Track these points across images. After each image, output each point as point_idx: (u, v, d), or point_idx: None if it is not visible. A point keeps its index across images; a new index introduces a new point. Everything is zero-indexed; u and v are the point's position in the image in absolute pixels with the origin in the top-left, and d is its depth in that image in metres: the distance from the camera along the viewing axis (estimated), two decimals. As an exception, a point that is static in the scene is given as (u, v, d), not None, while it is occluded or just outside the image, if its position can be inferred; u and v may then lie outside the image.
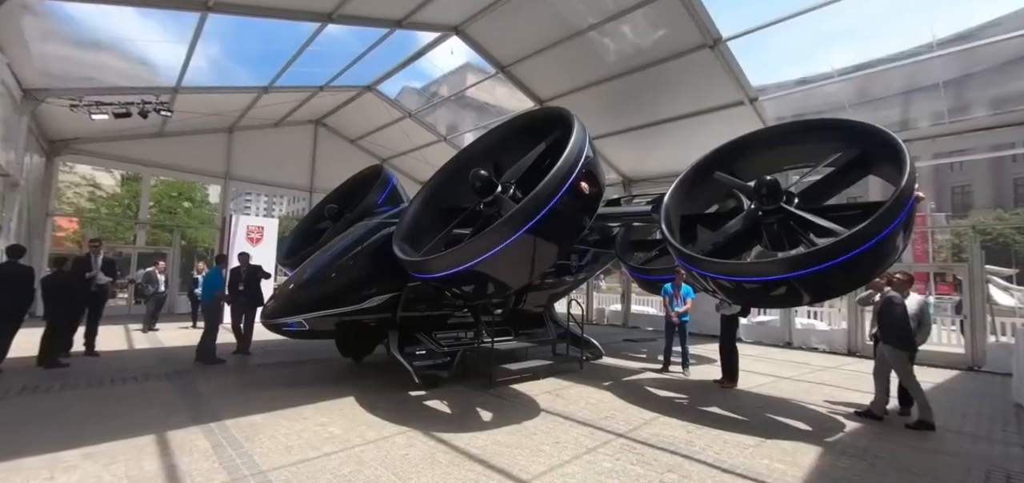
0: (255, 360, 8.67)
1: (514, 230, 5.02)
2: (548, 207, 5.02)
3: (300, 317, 6.36)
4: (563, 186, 5.09)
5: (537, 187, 5.04)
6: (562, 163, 5.13)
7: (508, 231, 5.02)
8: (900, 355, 5.78)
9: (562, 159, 5.15)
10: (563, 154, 5.19)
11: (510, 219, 5.00)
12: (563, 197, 5.10)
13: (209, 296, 8.31)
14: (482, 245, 5.11)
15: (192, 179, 20.18)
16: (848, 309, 11.96)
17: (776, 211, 5.96)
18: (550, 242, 5.47)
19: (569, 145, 5.27)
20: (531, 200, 5.00)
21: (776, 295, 5.84)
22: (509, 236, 5.04)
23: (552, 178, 5.06)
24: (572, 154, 5.23)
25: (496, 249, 5.08)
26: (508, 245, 5.08)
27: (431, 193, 7.16)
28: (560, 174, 5.09)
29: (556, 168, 5.10)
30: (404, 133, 17.96)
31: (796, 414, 6.13)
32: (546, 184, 5.04)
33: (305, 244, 9.73)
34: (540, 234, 5.20)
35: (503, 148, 7.01)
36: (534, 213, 5.00)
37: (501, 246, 5.07)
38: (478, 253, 5.14)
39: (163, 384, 6.73)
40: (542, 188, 5.02)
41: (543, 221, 5.06)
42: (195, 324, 12.36)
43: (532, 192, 5.04)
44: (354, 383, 7.00)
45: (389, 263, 6.94)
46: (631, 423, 5.50)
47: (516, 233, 5.03)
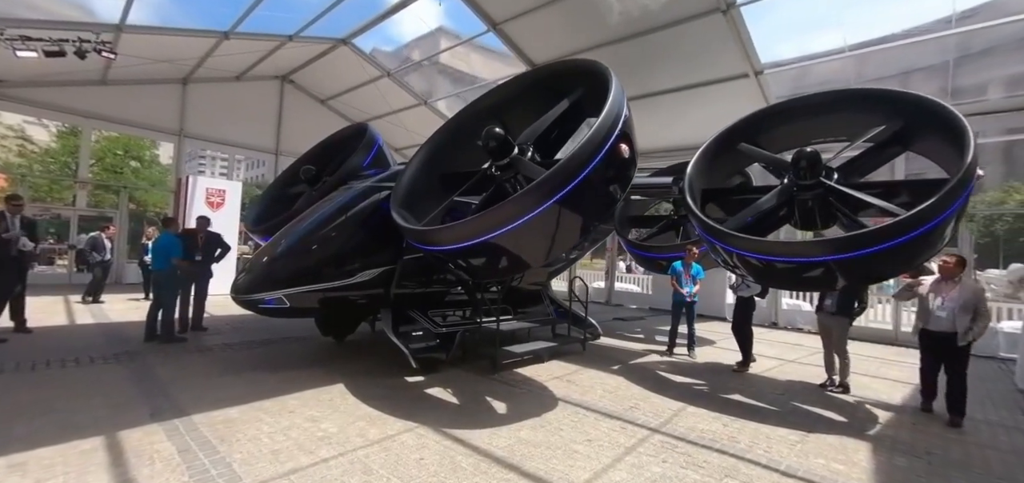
0: (217, 338, 7.69)
1: (542, 200, 4.30)
2: (583, 174, 4.33)
3: (280, 293, 5.48)
4: (601, 150, 4.39)
5: (574, 150, 4.31)
6: (600, 124, 4.41)
7: (535, 200, 4.30)
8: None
9: (601, 119, 4.43)
10: (602, 112, 4.47)
11: (539, 187, 4.27)
12: (600, 164, 4.42)
13: (163, 264, 7.19)
14: (503, 215, 4.38)
15: (140, 134, 18.13)
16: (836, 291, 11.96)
17: (814, 186, 5.51)
18: (579, 216, 4.79)
19: (608, 103, 4.54)
20: (565, 166, 4.27)
21: (809, 277, 5.43)
22: (536, 206, 4.32)
23: (589, 141, 4.33)
24: (611, 114, 4.52)
25: (520, 221, 4.36)
26: (534, 217, 4.36)
27: (429, 155, 6.33)
28: (598, 137, 4.37)
29: (594, 130, 4.38)
30: (381, 94, 16.71)
31: (821, 402, 5.80)
32: (583, 147, 4.31)
33: (277, 210, 8.72)
34: (570, 206, 4.50)
35: (513, 106, 6.24)
36: (566, 181, 4.29)
37: (526, 218, 4.35)
38: (499, 224, 4.41)
39: (113, 368, 5.74)
40: (579, 151, 4.30)
41: (576, 191, 4.36)
42: (147, 296, 11.10)
43: (568, 156, 4.31)
44: (340, 367, 6.22)
45: (382, 233, 6.13)
46: (660, 415, 5.00)
47: (544, 203, 4.32)
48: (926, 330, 5.44)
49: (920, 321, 5.55)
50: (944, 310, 5.27)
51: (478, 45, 17.30)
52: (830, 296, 6.18)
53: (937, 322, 5.31)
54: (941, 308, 5.30)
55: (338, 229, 5.93)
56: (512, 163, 5.21)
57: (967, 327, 5.09)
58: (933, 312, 5.36)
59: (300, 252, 5.75)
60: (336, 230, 5.92)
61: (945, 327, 5.22)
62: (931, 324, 5.37)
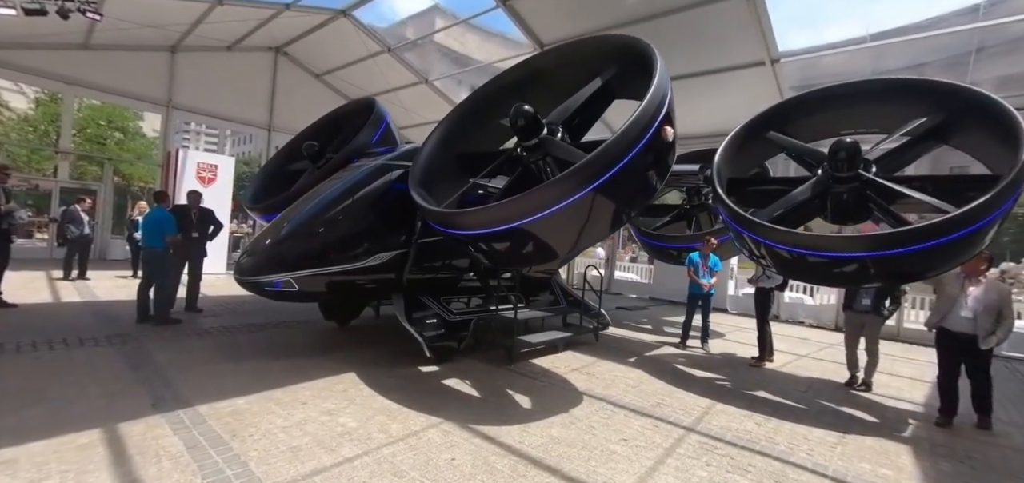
0: (214, 321, 7.32)
1: (581, 185, 3.99)
2: (626, 159, 4.02)
3: (288, 275, 5.14)
4: (646, 133, 4.09)
5: (617, 133, 4.00)
6: (647, 105, 4.09)
7: (574, 186, 3.98)
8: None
9: (647, 99, 4.11)
10: (648, 91, 4.15)
11: (579, 171, 3.95)
12: (644, 148, 4.12)
13: (156, 242, 6.74)
14: (539, 200, 4.07)
15: (126, 104, 17.34)
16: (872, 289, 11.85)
17: (851, 179, 5.30)
18: (616, 205, 4.47)
19: (654, 81, 4.22)
20: (608, 149, 3.95)
21: (841, 273, 5.22)
22: (574, 192, 4.00)
23: (635, 123, 4.01)
24: (658, 93, 4.21)
25: (556, 207, 4.05)
26: (570, 204, 4.06)
27: (446, 134, 5.97)
28: (644, 118, 4.06)
29: (640, 110, 4.06)
30: (380, 71, 16.13)
31: (847, 401, 5.66)
32: (628, 130, 3.99)
33: (276, 187, 8.30)
34: (608, 194, 4.19)
35: (537, 85, 5.89)
36: (608, 166, 3.98)
37: (562, 204, 4.04)
38: (533, 209, 4.10)
39: (105, 351, 5.36)
40: (624, 134, 3.98)
41: (617, 177, 4.05)
42: (136, 274, 10.62)
43: (612, 138, 3.99)
44: (348, 354, 5.91)
45: (396, 214, 5.81)
46: (690, 412, 4.80)
47: (583, 190, 4.01)
48: (945, 329, 5.11)
49: (936, 318, 5.21)
50: (967, 310, 4.96)
51: (474, 25, 16.91)
52: (865, 293, 6.00)
53: (958, 322, 4.98)
54: (963, 307, 4.99)
55: (350, 209, 5.57)
56: (542, 144, 4.89)
57: (989, 330, 4.79)
58: (954, 311, 5.03)
59: (309, 233, 5.39)
60: (347, 210, 5.56)
61: (966, 328, 4.90)
62: (951, 323, 5.05)
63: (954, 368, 5.11)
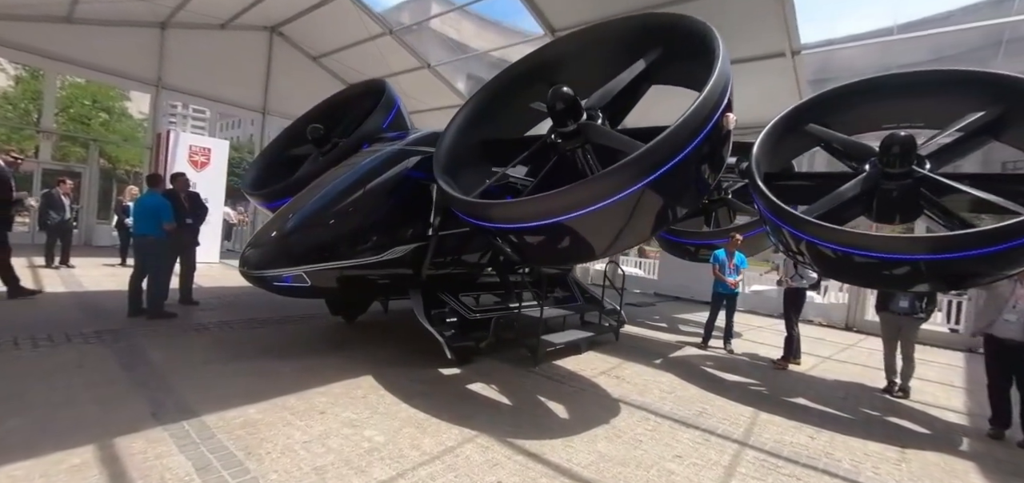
0: (212, 315, 6.84)
1: (636, 178, 3.59)
2: (687, 150, 3.64)
3: (300, 270, 4.70)
4: (709, 122, 3.70)
5: (679, 120, 3.60)
6: (711, 89, 3.68)
7: (628, 179, 3.58)
8: None
9: (711, 84, 3.71)
10: (712, 75, 3.75)
11: (635, 162, 3.54)
12: (706, 139, 3.73)
13: (150, 230, 6.23)
14: (589, 194, 3.67)
15: (112, 82, 16.49)
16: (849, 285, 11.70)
17: (903, 176, 4.99)
18: (667, 202, 4.06)
19: (718, 63, 3.82)
20: (669, 138, 3.53)
21: (890, 275, 4.93)
22: (627, 186, 3.61)
23: (698, 110, 3.61)
24: (722, 77, 3.81)
25: (606, 202, 3.65)
26: (621, 199, 3.65)
27: (470, 118, 5.55)
28: (708, 105, 3.66)
29: (705, 96, 3.65)
30: (380, 54, 15.54)
31: (889, 408, 5.40)
32: (691, 117, 3.59)
33: (278, 173, 7.82)
34: (662, 189, 3.78)
35: (569, 67, 5.48)
36: (668, 157, 3.58)
37: (614, 199, 3.64)
38: (582, 203, 3.69)
39: (95, 349, 4.89)
40: (687, 121, 3.58)
41: (674, 171, 3.66)
42: (124, 262, 10.06)
43: (674, 126, 3.58)
44: (360, 353, 5.50)
45: (415, 204, 5.40)
46: (735, 422, 4.48)
47: (638, 183, 3.60)
48: (992, 336, 4.84)
49: (983, 323, 4.95)
50: (1014, 314, 4.68)
51: (470, 12, 16.40)
52: (904, 295, 5.72)
53: (1006, 328, 4.71)
54: (1012, 311, 4.72)
55: (366, 198, 5.13)
56: (582, 130, 4.48)
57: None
58: (1002, 317, 4.73)
59: (322, 223, 4.95)
60: (364, 199, 5.12)
61: (1015, 334, 4.63)
62: (998, 329, 4.77)
63: (1004, 377, 4.83)
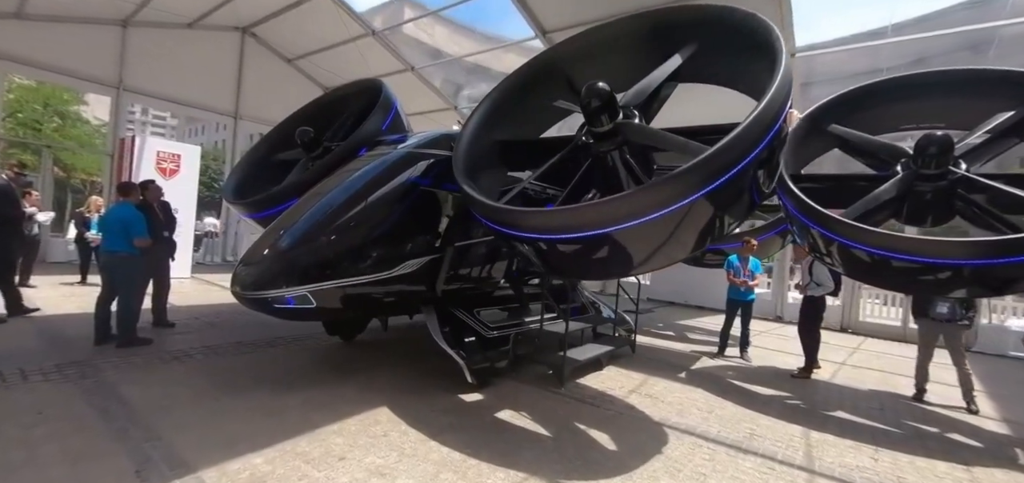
0: (191, 338, 6.12)
1: (696, 186, 3.18)
2: (753, 154, 3.26)
3: (304, 289, 4.13)
4: (776, 124, 3.34)
5: (746, 121, 3.21)
6: (778, 88, 3.29)
7: (687, 187, 3.18)
8: None
9: (777, 81, 3.30)
10: (777, 73, 3.37)
11: (697, 169, 3.12)
12: (771, 141, 3.37)
13: (120, 246, 5.45)
14: (642, 203, 3.23)
15: (68, 84, 15.17)
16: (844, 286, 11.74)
17: (938, 176, 4.82)
18: (721, 214, 3.62)
19: (782, 61, 3.45)
20: (735, 141, 3.14)
21: (929, 279, 4.74)
22: (685, 195, 3.19)
23: (766, 109, 3.21)
24: (787, 75, 3.45)
25: (660, 213, 3.24)
26: (675, 210, 3.24)
27: (486, 118, 5.07)
28: (775, 105, 3.27)
29: (771, 95, 3.25)
30: (362, 57, 14.87)
31: (930, 419, 5.19)
32: (759, 117, 3.18)
33: (263, 180, 7.16)
34: (720, 200, 3.37)
35: (590, 62, 5.06)
36: (733, 163, 3.19)
37: (668, 209, 3.23)
38: (632, 214, 3.26)
39: (60, 388, 4.18)
40: (753, 123, 3.18)
41: (737, 178, 3.27)
42: (84, 280, 9.12)
43: (740, 129, 3.19)
44: (368, 379, 4.94)
45: (429, 213, 4.91)
46: (790, 444, 4.15)
47: (696, 193, 3.19)
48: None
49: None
50: None
51: (444, 18, 16.02)
52: (945, 302, 5.56)
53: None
54: None
55: (375, 207, 4.59)
56: (620, 130, 4.07)
57: None
58: None
59: (328, 237, 4.37)
60: (372, 208, 4.58)
61: None
62: None
63: None
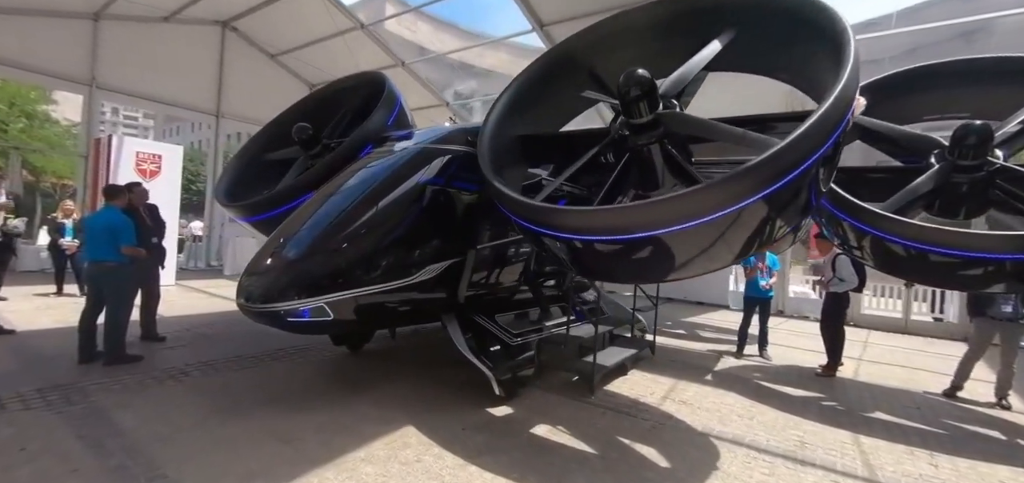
0: (185, 353, 5.64)
1: (761, 185, 2.88)
2: (822, 151, 2.98)
3: (320, 301, 3.74)
4: (845, 119, 3.06)
5: (817, 114, 2.91)
6: (848, 80, 2.98)
7: (750, 187, 2.87)
8: None
9: (847, 72, 2.99)
10: (845, 65, 3.04)
11: (763, 167, 2.81)
12: (840, 137, 3.09)
13: (107, 254, 4.95)
14: (702, 204, 2.92)
15: (36, 81, 14.23)
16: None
17: (975, 167, 4.66)
18: (775, 219, 3.28)
19: (850, 53, 3.12)
20: (806, 135, 2.84)
21: (969, 275, 4.59)
22: (745, 196, 2.89)
23: (837, 101, 2.89)
24: (857, 65, 3.14)
25: (717, 214, 2.94)
26: (731, 213, 2.95)
27: (505, 112, 4.72)
28: (846, 97, 2.96)
29: (842, 87, 2.92)
30: (349, 52, 14.34)
31: (972, 418, 5.04)
32: (830, 110, 2.86)
33: (256, 180, 6.73)
34: (779, 203, 3.05)
35: (616, 49, 4.76)
36: (800, 160, 2.89)
37: (726, 211, 2.93)
38: (690, 215, 2.95)
39: (43, 417, 3.71)
40: (825, 116, 2.88)
41: (801, 177, 2.99)
42: (61, 291, 8.49)
43: (808, 124, 2.89)
44: (384, 394, 4.57)
45: (451, 214, 4.56)
46: (843, 452, 3.93)
47: (758, 194, 2.89)
48: None
49: None
50: None
51: (426, 14, 15.60)
52: (1004, 299, 5.39)
53: None
54: None
55: (394, 208, 4.22)
56: (660, 121, 3.78)
57: None
58: None
59: (345, 242, 3.98)
60: (392, 210, 4.21)
61: None
62: None
63: None
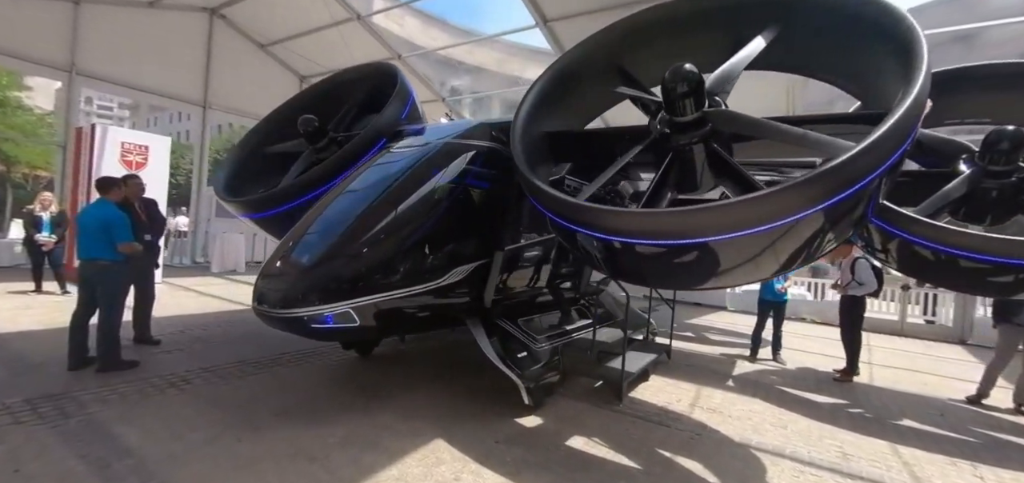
0: (183, 358, 5.29)
1: (824, 195, 2.68)
2: (892, 160, 2.82)
3: (345, 305, 3.47)
4: (918, 122, 2.89)
5: (893, 119, 2.72)
6: (922, 87, 2.78)
7: (817, 194, 2.68)
8: None
9: (920, 79, 2.80)
10: (919, 70, 2.82)
11: (832, 174, 2.63)
12: (905, 150, 2.92)
13: (101, 252, 4.56)
14: (764, 211, 2.73)
15: (11, 66, 13.39)
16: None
17: (1007, 173, 4.62)
18: (828, 232, 3.07)
19: (923, 58, 2.93)
20: (882, 141, 2.63)
21: (999, 281, 4.54)
22: (812, 205, 2.69)
23: (914, 104, 2.71)
24: (928, 74, 2.95)
25: (773, 224, 2.76)
26: (791, 222, 2.76)
27: (534, 106, 4.50)
28: (921, 100, 2.77)
29: (918, 90, 2.73)
30: (344, 44, 13.92)
31: (996, 426, 5.02)
32: (908, 111, 2.68)
33: (258, 174, 6.39)
34: (836, 216, 2.88)
35: (648, 43, 4.57)
36: (872, 167, 2.70)
37: (785, 220, 2.75)
38: (751, 222, 2.76)
39: (34, 431, 3.37)
40: (900, 120, 2.69)
41: (867, 187, 2.79)
42: (40, 288, 7.99)
43: (882, 131, 2.70)
44: (405, 403, 4.31)
45: (477, 211, 4.33)
46: (884, 463, 3.82)
47: (826, 201, 2.70)
48: None
49: None
50: None
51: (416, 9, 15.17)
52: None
53: None
54: None
55: (424, 206, 3.97)
56: (706, 119, 3.59)
57: None
58: None
59: (370, 243, 3.72)
60: (421, 208, 3.96)
61: None
62: None
63: None
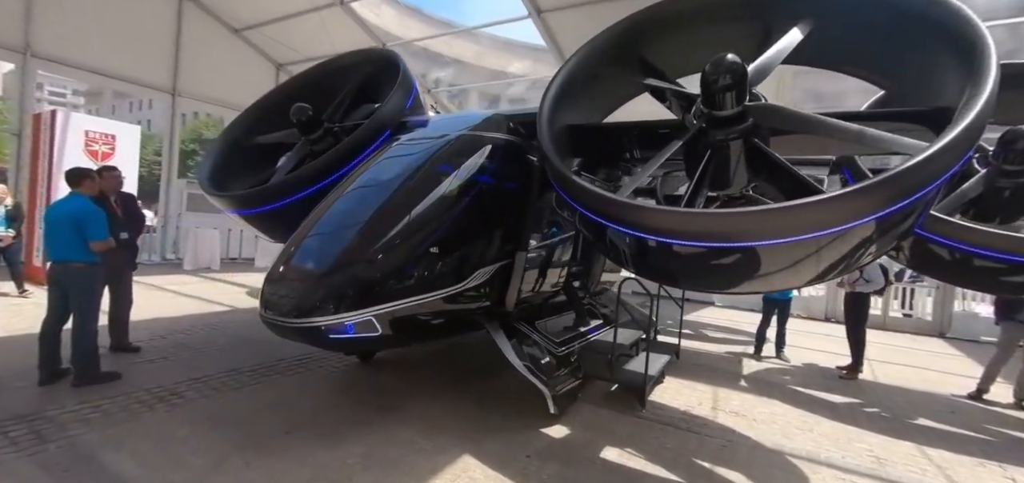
0: (171, 368, 4.85)
1: (882, 204, 2.55)
2: (954, 170, 2.69)
3: (367, 313, 3.16)
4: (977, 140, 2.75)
5: (968, 121, 2.55)
6: (989, 96, 2.59)
7: (873, 203, 2.54)
8: None
9: (989, 89, 2.60)
10: (987, 78, 2.62)
11: (892, 182, 2.50)
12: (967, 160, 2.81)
13: (74, 252, 4.07)
14: (813, 218, 2.57)
15: None
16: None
17: (1020, 173, 4.66)
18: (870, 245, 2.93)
19: (991, 62, 2.67)
20: (956, 143, 2.49)
21: (1013, 280, 4.58)
22: (864, 213, 2.56)
23: (982, 112, 2.54)
24: (996, 81, 2.71)
25: (824, 231, 2.60)
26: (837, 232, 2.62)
27: (557, 97, 4.24)
28: (984, 116, 2.58)
29: (987, 95, 2.57)
30: (325, 31, 13.33)
31: (1006, 422, 5.09)
32: (977, 118, 2.53)
33: (246, 166, 5.96)
34: (888, 224, 2.72)
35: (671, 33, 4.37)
36: (933, 176, 2.57)
37: (837, 228, 2.60)
38: (799, 228, 2.60)
39: (11, 460, 2.94)
40: (973, 124, 2.51)
41: (924, 199, 2.67)
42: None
43: (950, 137, 2.48)
44: (421, 414, 4.02)
45: (497, 210, 4.08)
46: (919, 467, 3.78)
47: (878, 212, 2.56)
48: None
49: None
50: None
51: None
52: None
53: None
54: None
55: (442, 204, 3.68)
56: (747, 114, 3.41)
57: None
58: None
59: (392, 245, 3.40)
60: (440, 206, 3.67)
61: None
62: None
63: None
